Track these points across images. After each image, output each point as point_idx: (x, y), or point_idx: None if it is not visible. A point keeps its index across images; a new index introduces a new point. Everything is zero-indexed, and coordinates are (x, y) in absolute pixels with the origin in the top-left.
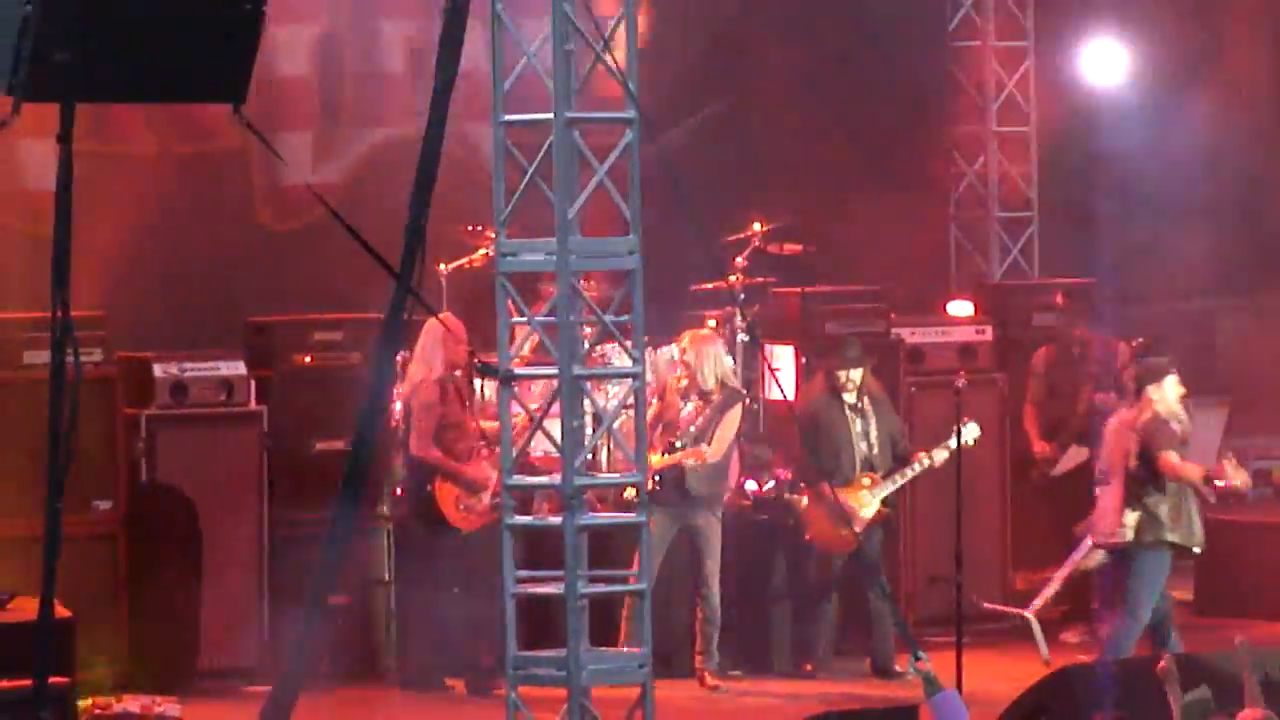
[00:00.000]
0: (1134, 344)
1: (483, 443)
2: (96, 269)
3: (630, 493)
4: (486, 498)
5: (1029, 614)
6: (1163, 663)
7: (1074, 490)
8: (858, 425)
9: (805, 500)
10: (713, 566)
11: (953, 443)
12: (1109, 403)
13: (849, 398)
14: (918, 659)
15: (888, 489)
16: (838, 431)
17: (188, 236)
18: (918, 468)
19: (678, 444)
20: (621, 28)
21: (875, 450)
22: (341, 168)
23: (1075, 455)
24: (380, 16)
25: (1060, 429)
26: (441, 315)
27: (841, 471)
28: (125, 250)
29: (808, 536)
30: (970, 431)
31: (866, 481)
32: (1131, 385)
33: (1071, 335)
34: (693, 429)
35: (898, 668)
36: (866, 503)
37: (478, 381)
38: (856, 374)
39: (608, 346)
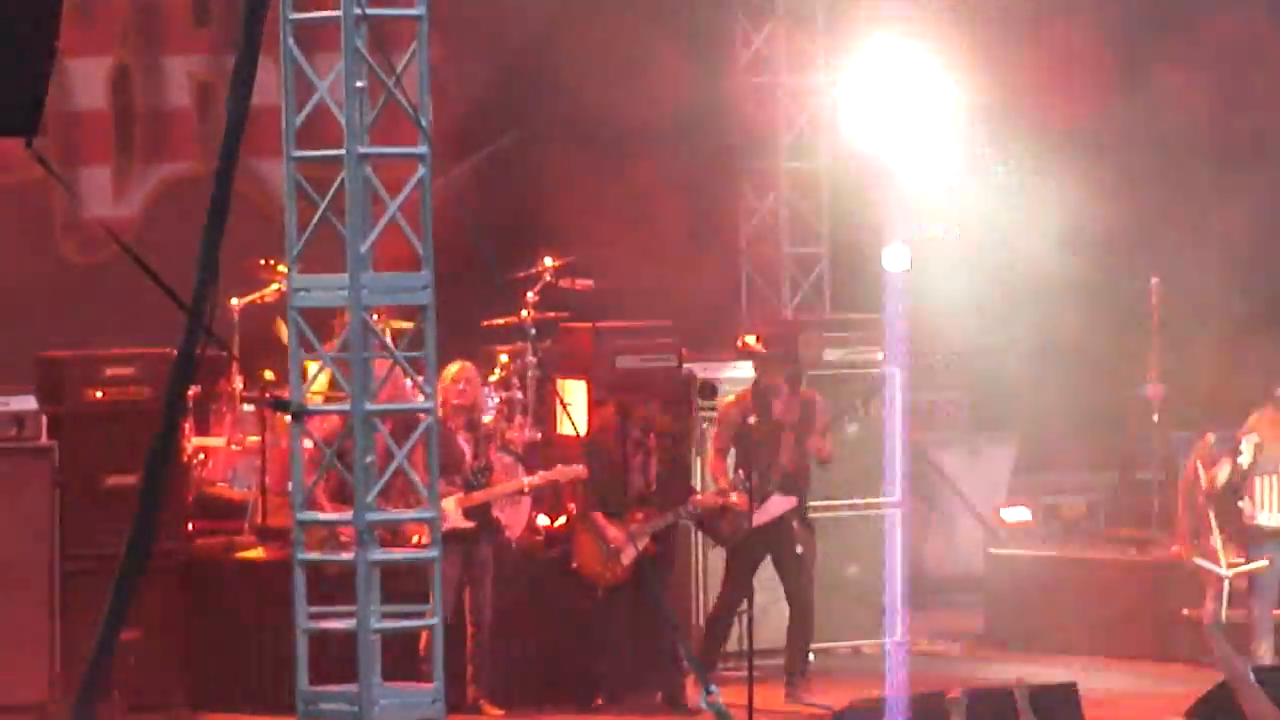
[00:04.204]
0: None
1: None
2: None
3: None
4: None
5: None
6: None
7: None
8: (638, 460)
9: (576, 531)
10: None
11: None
12: None
13: (637, 432)
14: (709, 692)
15: (658, 526)
16: (617, 464)
17: None
18: (682, 512)
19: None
20: (414, 64)
21: (653, 487)
22: (138, 202)
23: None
24: (164, 53)
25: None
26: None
27: (616, 505)
28: None
29: (574, 565)
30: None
31: (640, 516)
32: None
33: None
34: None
35: (689, 701)
36: (636, 536)
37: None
38: (651, 407)
39: None
